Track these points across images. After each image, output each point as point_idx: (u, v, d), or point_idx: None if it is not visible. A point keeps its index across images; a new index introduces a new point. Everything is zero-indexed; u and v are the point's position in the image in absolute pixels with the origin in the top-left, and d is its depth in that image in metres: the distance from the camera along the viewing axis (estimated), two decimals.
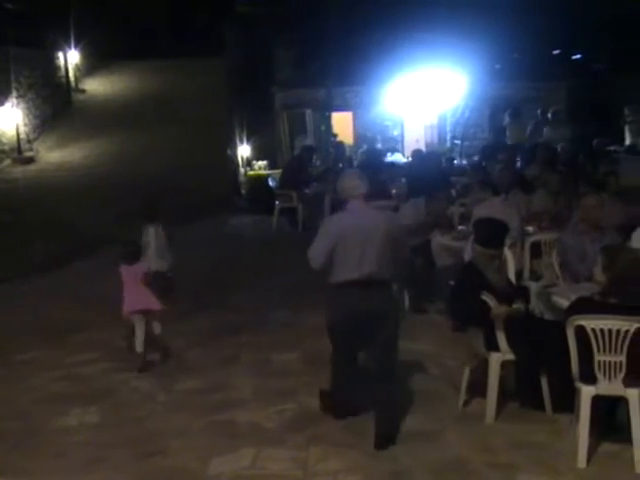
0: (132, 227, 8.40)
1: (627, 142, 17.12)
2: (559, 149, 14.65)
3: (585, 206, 6.71)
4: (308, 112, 20.10)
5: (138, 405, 6.26)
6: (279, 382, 6.56)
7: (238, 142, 18.40)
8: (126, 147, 17.73)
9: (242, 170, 18.37)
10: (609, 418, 5.18)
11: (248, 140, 18.62)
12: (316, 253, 5.33)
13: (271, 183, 16.13)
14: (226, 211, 15.54)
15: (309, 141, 18.70)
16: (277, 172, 16.42)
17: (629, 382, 4.83)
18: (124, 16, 21.43)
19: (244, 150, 18.57)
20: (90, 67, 22.56)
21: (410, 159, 15.35)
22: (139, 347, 7.05)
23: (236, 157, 18.33)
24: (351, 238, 5.25)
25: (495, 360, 5.52)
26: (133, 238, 7.80)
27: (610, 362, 4.82)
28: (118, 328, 7.60)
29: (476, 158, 16.61)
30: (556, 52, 18.69)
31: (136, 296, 7.12)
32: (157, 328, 7.27)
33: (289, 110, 20.03)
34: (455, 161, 16.82)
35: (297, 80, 19.04)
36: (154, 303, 7.16)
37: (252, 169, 18.41)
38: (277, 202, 14.24)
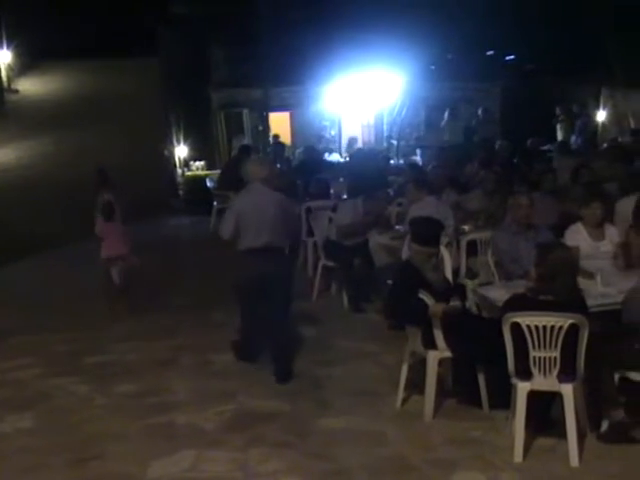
0: (69, 228, 8.44)
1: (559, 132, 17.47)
2: (497, 148, 14.89)
3: (514, 206, 6.78)
4: (245, 112, 20.02)
5: (75, 409, 6.15)
6: (218, 383, 6.51)
7: (175, 143, 18.20)
8: (60, 148, 17.42)
9: (180, 171, 18.18)
10: (544, 413, 5.27)
11: (185, 141, 18.43)
12: (224, 227, 6.60)
13: (209, 184, 15.99)
14: (164, 212, 15.39)
15: (246, 141, 18.61)
16: (215, 173, 16.30)
17: (563, 378, 4.92)
18: (57, 15, 21.03)
19: (181, 151, 18.38)
20: (23, 67, 22.08)
21: (348, 158, 15.42)
22: (116, 279, 8.82)
23: (173, 158, 18.13)
24: (250, 213, 6.44)
25: (433, 358, 5.58)
26: (109, 199, 9.74)
27: (545, 358, 4.91)
28: (53, 332, 7.46)
29: (417, 157, 16.81)
30: (490, 53, 18.98)
31: (112, 245, 8.96)
32: (124, 275, 8.88)
33: (226, 110, 19.91)
34: (392, 161, 16.94)
35: (233, 80, 18.94)
36: (126, 252, 9.00)
37: (190, 170, 18.24)
38: (215, 203, 14.13)
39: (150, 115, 17.56)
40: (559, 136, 17.79)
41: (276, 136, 18.33)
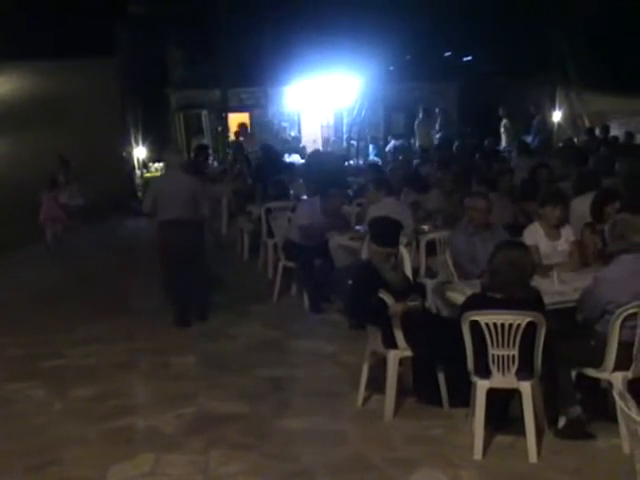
0: (25, 229, 8.48)
1: (503, 141, 17.55)
2: (455, 148, 15.01)
3: (471, 209, 6.79)
4: (204, 113, 19.94)
5: (32, 414, 6.04)
6: (177, 386, 6.46)
7: (134, 144, 18.05)
8: (13, 151, 17.11)
9: (138, 172, 18.03)
10: (503, 411, 5.32)
11: (144, 142, 18.29)
12: (145, 202, 8.25)
13: None
14: (122, 214, 15.23)
15: (205, 142, 18.52)
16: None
17: (521, 375, 4.97)
18: (9, 15, 20.60)
19: (140, 152, 18.23)
20: None
21: (307, 159, 15.41)
22: (48, 239, 12.57)
23: (132, 159, 17.98)
24: (166, 192, 7.94)
25: (393, 357, 5.60)
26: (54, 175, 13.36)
27: (503, 356, 4.95)
28: (9, 336, 7.34)
29: (375, 158, 16.87)
30: (447, 54, 19.14)
31: (48, 210, 12.66)
32: (59, 233, 12.83)
33: (185, 111, 19.83)
34: (351, 161, 17.00)
35: (192, 80, 18.86)
36: (59, 216, 12.85)
37: (149, 171, 18.11)
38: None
39: (107, 116, 17.35)
40: (502, 137, 17.96)
41: (240, 130, 18.26)
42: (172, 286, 8.22)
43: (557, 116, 19.49)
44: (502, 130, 18.00)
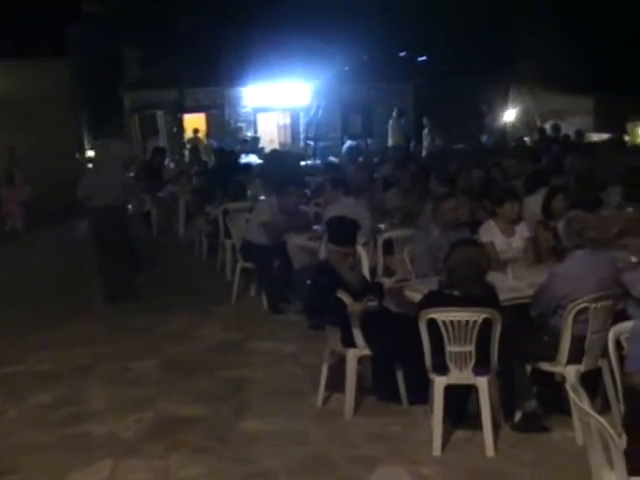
0: None
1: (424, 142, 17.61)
2: (411, 148, 15.13)
3: (442, 210, 6.80)
4: (159, 114, 19.79)
5: None
6: (136, 391, 6.40)
7: (87, 145, 17.84)
8: None
9: None
10: (461, 406, 5.39)
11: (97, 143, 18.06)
12: (78, 189, 9.10)
13: None
14: (76, 216, 15.03)
15: (161, 143, 18.39)
16: (131, 178, 16.00)
17: (478, 371, 5.04)
18: None
19: (93, 153, 18.01)
20: None
21: (265, 159, 15.41)
22: (18, 227, 14.48)
23: (86, 160, 17.76)
24: (99, 182, 9.05)
25: (352, 356, 5.63)
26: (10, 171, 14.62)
27: (460, 352, 5.01)
28: None
29: (332, 158, 16.89)
30: (402, 54, 19.26)
31: (9, 204, 14.44)
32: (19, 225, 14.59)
33: (139, 112, 19.65)
34: (309, 161, 17.02)
35: (147, 81, 18.68)
36: (16, 209, 14.59)
37: None
38: (130, 206, 13.90)
39: (60, 117, 17.15)
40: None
41: (197, 138, 18.20)
42: (103, 266, 9.23)
43: (510, 115, 19.74)
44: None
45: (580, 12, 16.55)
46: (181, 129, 19.10)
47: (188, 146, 17.95)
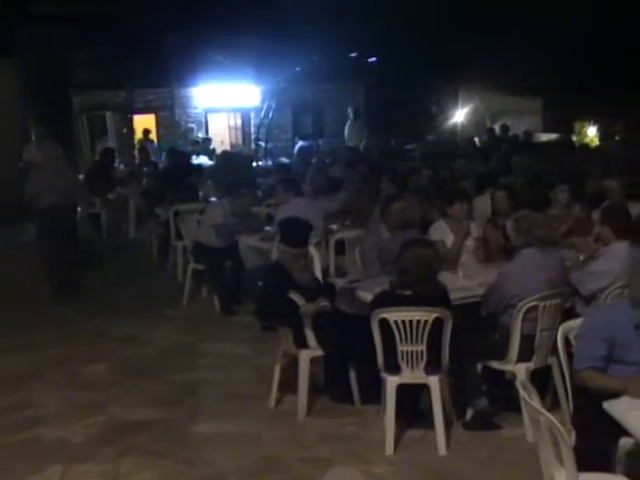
0: None
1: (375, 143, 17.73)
2: (361, 148, 15.18)
3: (391, 211, 6.81)
4: (108, 115, 19.54)
5: None
6: (87, 395, 6.32)
7: (35, 148, 17.50)
8: None
9: None
10: (413, 405, 5.43)
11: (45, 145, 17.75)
12: (26, 191, 9.31)
13: None
14: (24, 219, 14.76)
15: (110, 144, 18.16)
16: (79, 177, 15.78)
17: (430, 370, 5.09)
18: None
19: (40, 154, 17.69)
20: None
21: (216, 160, 15.32)
22: None
23: (34, 163, 17.43)
24: (47, 182, 9.13)
25: (304, 357, 5.64)
26: None
27: (412, 352, 5.05)
28: None
29: (284, 159, 16.87)
30: (353, 55, 19.31)
31: None
32: None
33: (88, 113, 19.38)
34: (260, 162, 16.98)
35: (96, 81, 18.42)
36: None
37: None
38: (79, 208, 13.71)
39: (6, 119, 16.81)
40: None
41: (148, 140, 18.02)
42: (50, 263, 9.28)
43: (460, 115, 19.95)
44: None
45: (528, 14, 16.79)
46: (131, 130, 18.89)
47: (138, 146, 17.76)
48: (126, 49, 17.05)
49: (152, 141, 18.00)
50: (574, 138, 16.60)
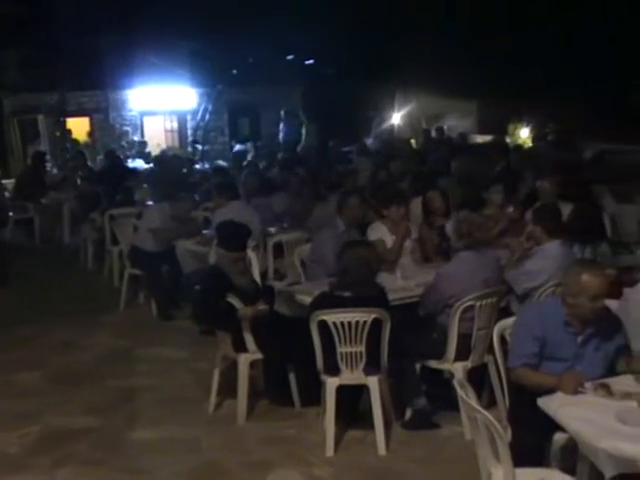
0: None
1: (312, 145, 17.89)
2: (299, 150, 15.18)
3: (348, 204, 6.83)
4: (40, 118, 19.16)
5: None
6: (21, 404, 6.16)
7: None
8: None
9: None
10: (353, 406, 5.45)
11: None
12: None
13: (6, 194, 15.12)
14: None
15: (43, 148, 17.81)
16: (10, 182, 15.44)
17: (369, 370, 5.12)
18: None
19: None
20: None
21: (153, 164, 15.15)
22: None
23: None
24: None
25: (244, 361, 5.61)
26: None
27: (351, 353, 5.07)
28: None
29: (221, 162, 16.77)
30: (290, 57, 19.33)
31: None
32: None
33: (19, 116, 18.97)
34: (197, 165, 16.84)
35: (27, 84, 18.03)
36: None
37: None
38: (11, 213, 13.42)
39: None
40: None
41: (87, 143, 17.73)
42: None
43: (397, 118, 20.13)
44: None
45: (462, 19, 17.07)
46: (64, 133, 18.54)
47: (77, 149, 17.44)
48: (58, 50, 16.74)
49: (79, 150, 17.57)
50: (508, 140, 16.89)
